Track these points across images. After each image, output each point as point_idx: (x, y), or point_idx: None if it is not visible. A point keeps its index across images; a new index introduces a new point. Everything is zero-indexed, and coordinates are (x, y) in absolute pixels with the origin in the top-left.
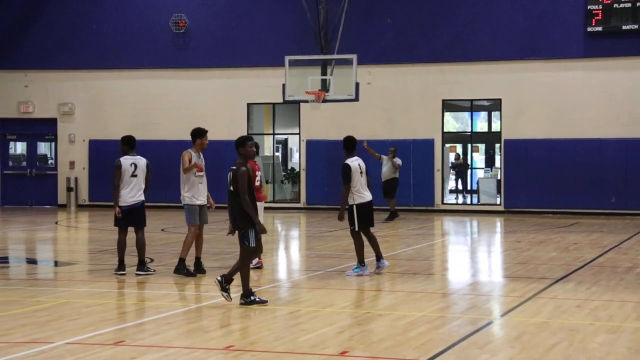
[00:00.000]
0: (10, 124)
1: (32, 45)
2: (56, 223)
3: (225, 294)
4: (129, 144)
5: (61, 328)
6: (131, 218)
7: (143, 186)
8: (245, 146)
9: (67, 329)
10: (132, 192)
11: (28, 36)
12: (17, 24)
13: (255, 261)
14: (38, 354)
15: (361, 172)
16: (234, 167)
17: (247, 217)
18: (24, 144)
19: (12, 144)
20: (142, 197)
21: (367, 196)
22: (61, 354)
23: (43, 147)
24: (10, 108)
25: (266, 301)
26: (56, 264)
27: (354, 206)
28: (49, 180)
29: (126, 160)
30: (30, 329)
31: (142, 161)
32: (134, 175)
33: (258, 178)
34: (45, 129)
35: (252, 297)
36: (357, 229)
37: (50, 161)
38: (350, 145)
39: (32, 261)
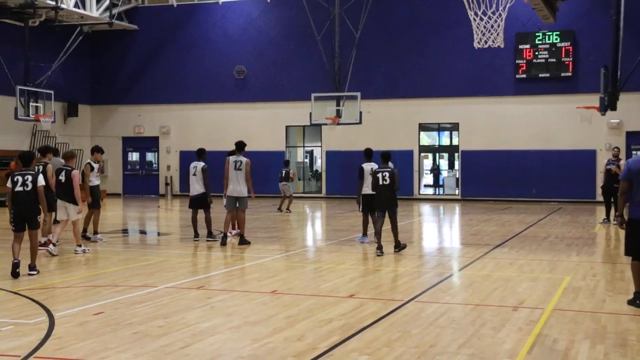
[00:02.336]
0: (129, 140)
1: (142, 89)
2: (158, 207)
3: (398, 249)
4: (196, 153)
5: (162, 277)
6: (197, 204)
7: (201, 183)
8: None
9: (165, 278)
10: (193, 186)
11: (139, 83)
12: (131, 75)
13: (234, 231)
14: (147, 294)
15: (371, 174)
16: (389, 169)
17: (396, 200)
18: (138, 153)
19: (129, 153)
20: (201, 190)
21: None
22: (162, 294)
23: (150, 156)
24: (129, 130)
25: (405, 245)
26: (158, 234)
27: (361, 195)
28: (153, 178)
29: (191, 165)
30: (142, 277)
31: (199, 165)
32: (194, 175)
33: None
34: (151, 143)
35: (402, 245)
36: (359, 210)
37: (154, 165)
38: (368, 154)
39: (143, 232)
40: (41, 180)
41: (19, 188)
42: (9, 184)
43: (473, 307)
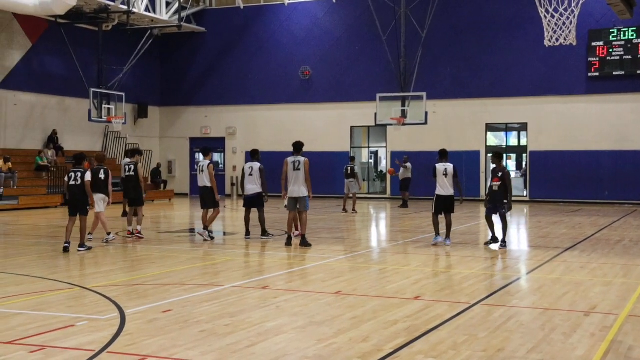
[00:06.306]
0: (196, 141)
1: (209, 90)
2: (224, 207)
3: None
4: (250, 154)
5: (228, 276)
6: (252, 203)
7: (258, 183)
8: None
9: (231, 277)
10: (248, 186)
11: (206, 85)
12: (199, 77)
13: (297, 232)
14: (213, 292)
15: (445, 174)
16: (506, 170)
17: (504, 199)
18: None
19: (196, 154)
20: (257, 190)
21: (445, 192)
22: (228, 293)
23: (216, 156)
24: (196, 131)
25: (497, 240)
26: (224, 233)
27: (435, 196)
28: (219, 178)
29: (246, 165)
30: (208, 276)
31: (256, 166)
32: (250, 175)
33: None
34: (218, 144)
35: (505, 242)
36: (432, 211)
37: (220, 165)
38: (443, 154)
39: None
40: (88, 176)
41: (72, 182)
42: (66, 179)
43: (542, 312)
